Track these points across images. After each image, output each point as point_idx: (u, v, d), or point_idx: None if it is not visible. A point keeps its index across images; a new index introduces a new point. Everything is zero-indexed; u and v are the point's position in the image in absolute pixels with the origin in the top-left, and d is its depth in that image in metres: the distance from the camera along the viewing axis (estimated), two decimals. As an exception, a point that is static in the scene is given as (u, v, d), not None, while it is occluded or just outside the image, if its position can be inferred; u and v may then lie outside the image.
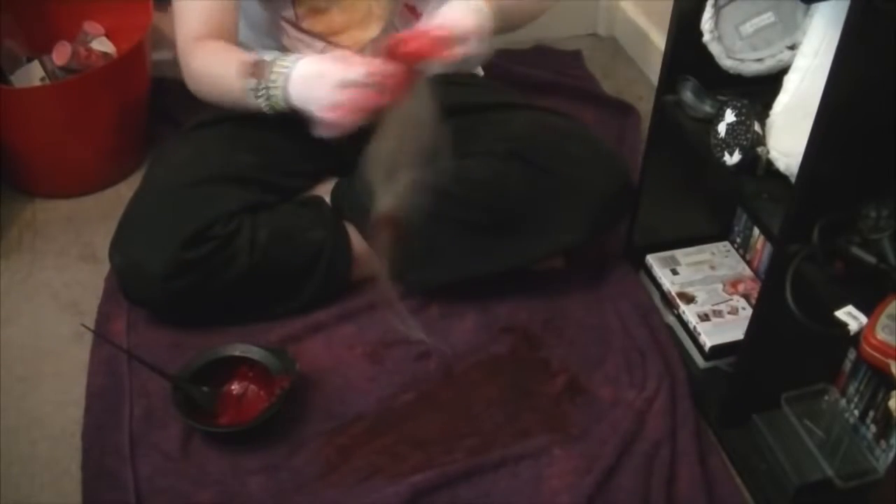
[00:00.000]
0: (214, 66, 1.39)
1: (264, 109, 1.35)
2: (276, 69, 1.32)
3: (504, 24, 1.36)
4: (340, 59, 1.29)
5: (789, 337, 1.21)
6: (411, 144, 1.22)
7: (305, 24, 1.48)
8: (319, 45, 1.51)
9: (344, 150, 1.58)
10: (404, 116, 1.22)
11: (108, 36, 1.89)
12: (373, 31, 1.50)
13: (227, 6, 1.41)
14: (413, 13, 1.53)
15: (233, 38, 1.43)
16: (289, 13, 1.47)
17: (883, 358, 1.03)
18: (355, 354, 1.45)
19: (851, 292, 1.09)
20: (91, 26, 1.88)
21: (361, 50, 1.49)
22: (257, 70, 1.33)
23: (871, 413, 1.29)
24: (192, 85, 1.43)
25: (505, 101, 1.56)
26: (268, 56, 1.35)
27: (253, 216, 1.43)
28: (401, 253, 1.50)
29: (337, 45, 1.50)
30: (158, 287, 1.38)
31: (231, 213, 1.40)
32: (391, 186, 1.23)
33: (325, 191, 1.56)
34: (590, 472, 1.28)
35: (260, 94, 1.33)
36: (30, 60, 1.81)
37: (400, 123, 1.22)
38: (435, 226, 1.48)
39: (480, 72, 1.69)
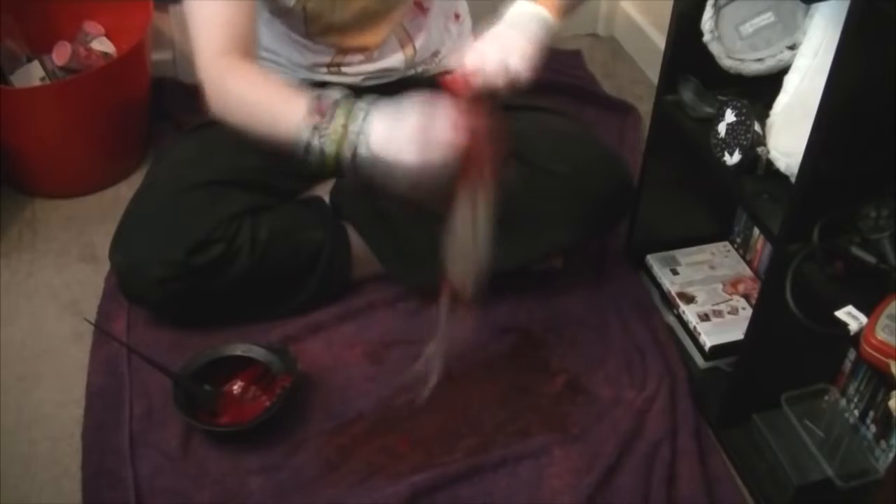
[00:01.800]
0: (257, 93, 1.21)
1: (311, 155, 1.13)
2: (350, 111, 1.12)
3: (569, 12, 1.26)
4: (414, 106, 1.10)
5: (789, 337, 1.21)
6: (484, 215, 1.18)
7: (314, 27, 1.47)
8: (329, 50, 1.50)
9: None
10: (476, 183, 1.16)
11: (108, 36, 1.89)
12: (382, 34, 1.50)
13: (246, 9, 1.26)
14: (420, 9, 1.52)
15: (256, 49, 1.30)
16: (298, 21, 1.45)
17: (883, 358, 1.03)
18: (355, 354, 1.45)
19: (851, 292, 1.09)
20: (91, 26, 1.88)
21: (370, 54, 1.50)
22: (323, 108, 1.13)
23: (871, 413, 1.29)
24: (221, 106, 1.22)
25: (504, 103, 1.55)
26: (336, 94, 1.15)
27: (253, 216, 1.43)
28: (400, 254, 1.51)
29: (345, 50, 1.50)
30: (159, 288, 1.38)
31: (233, 216, 1.40)
32: (464, 255, 1.20)
33: (324, 190, 1.56)
34: (590, 471, 1.28)
35: (322, 135, 1.12)
36: (30, 60, 1.81)
37: (472, 193, 1.17)
38: (435, 227, 1.48)
39: None
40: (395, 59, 1.51)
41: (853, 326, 1.06)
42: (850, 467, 1.26)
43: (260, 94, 1.20)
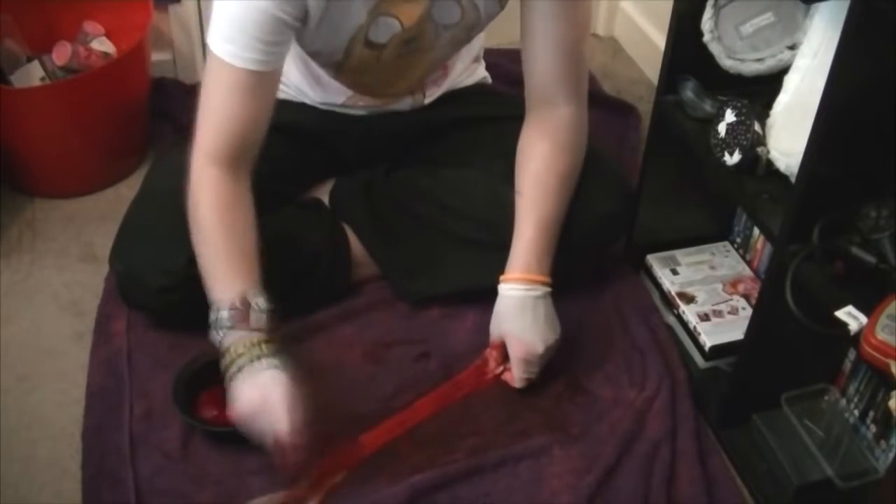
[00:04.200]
0: (214, 240, 1.24)
1: (214, 330, 1.22)
2: (245, 343, 1.20)
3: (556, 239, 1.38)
4: (285, 416, 1.16)
5: (789, 337, 1.21)
6: None
7: (343, 77, 1.47)
8: (345, 89, 1.51)
9: (345, 153, 1.58)
10: None
11: (108, 36, 1.89)
12: (401, 93, 1.52)
13: (255, 111, 1.24)
14: (443, 69, 1.53)
15: (251, 154, 1.27)
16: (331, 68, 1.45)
17: (883, 358, 1.03)
18: (355, 354, 1.45)
19: (851, 292, 1.09)
20: (91, 26, 1.88)
21: (385, 103, 1.52)
22: (240, 315, 1.21)
23: (871, 413, 1.29)
24: (191, 207, 1.24)
25: (508, 114, 1.52)
26: (260, 320, 1.22)
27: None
28: (399, 260, 1.50)
29: (363, 95, 1.51)
30: (160, 297, 1.37)
31: None
32: None
33: (323, 192, 1.56)
34: (590, 472, 1.28)
35: (219, 326, 1.21)
36: (30, 60, 1.81)
37: None
38: (434, 237, 1.48)
39: (489, 79, 1.68)
40: (403, 104, 1.53)
41: (853, 326, 1.06)
42: (850, 467, 1.26)
43: (214, 243, 1.24)
